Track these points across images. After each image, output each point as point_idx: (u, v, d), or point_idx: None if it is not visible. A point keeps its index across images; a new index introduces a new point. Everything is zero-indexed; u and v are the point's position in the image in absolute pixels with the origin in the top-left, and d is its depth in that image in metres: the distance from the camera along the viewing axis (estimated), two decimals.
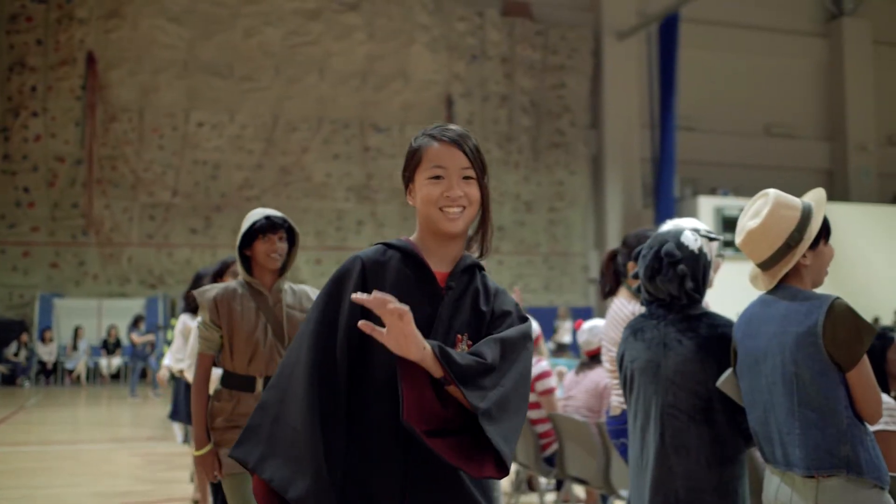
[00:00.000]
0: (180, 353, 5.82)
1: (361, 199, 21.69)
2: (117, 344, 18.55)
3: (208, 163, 20.69)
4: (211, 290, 3.65)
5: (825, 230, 2.74)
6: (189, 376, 4.99)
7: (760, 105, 25.27)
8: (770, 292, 2.76)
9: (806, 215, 2.70)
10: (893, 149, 26.59)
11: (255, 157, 20.99)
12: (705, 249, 3.05)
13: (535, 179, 23.12)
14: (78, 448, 10.21)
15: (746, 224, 2.77)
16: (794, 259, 2.67)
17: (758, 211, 2.76)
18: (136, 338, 16.51)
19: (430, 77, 22.30)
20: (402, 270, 2.06)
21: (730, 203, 21.97)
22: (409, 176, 2.10)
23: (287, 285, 3.74)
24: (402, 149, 21.84)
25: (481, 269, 2.16)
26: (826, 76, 26.41)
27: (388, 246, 2.10)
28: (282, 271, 3.71)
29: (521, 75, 23.22)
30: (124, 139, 20.16)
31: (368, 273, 2.04)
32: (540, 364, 5.78)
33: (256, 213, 3.66)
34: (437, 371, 1.86)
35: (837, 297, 2.56)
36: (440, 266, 2.07)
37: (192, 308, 5.86)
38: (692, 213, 20.51)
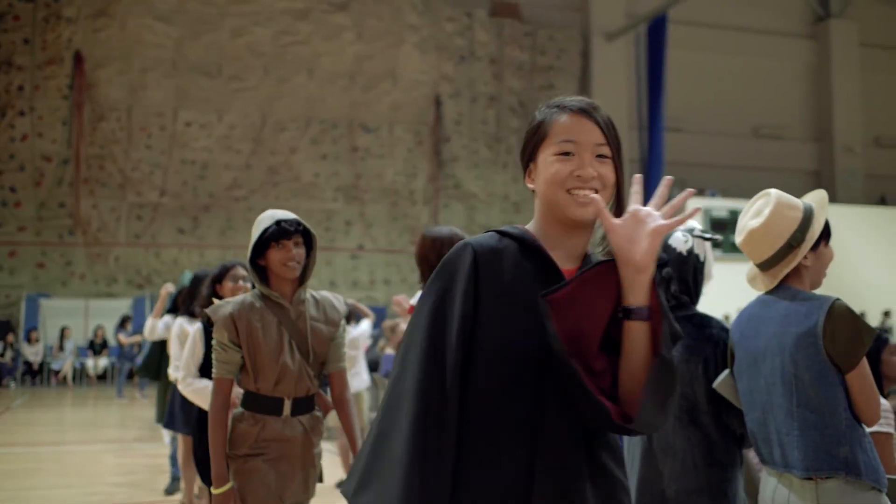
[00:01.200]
0: (178, 359, 5.41)
1: (350, 199, 21.66)
2: (104, 344, 18.47)
3: (196, 162, 20.63)
4: (225, 305, 3.25)
5: (825, 232, 2.74)
6: (184, 389, 4.51)
7: (748, 106, 25.33)
8: (769, 292, 2.74)
9: (808, 216, 2.69)
10: (880, 150, 26.71)
11: (243, 157, 20.94)
12: (697, 250, 3.02)
13: (523, 180, 23.08)
14: (64, 449, 10.16)
15: (748, 223, 2.75)
16: (795, 259, 2.65)
17: (759, 210, 2.74)
18: (124, 338, 16.44)
19: (418, 77, 22.28)
20: (520, 263, 1.75)
21: (718, 204, 22.02)
22: (529, 154, 1.82)
23: (309, 294, 3.39)
24: (390, 149, 21.94)
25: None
26: (813, 78, 26.50)
27: (503, 234, 1.80)
28: (301, 279, 3.35)
29: (510, 76, 23.22)
30: (112, 138, 20.09)
31: (481, 263, 1.73)
32: None
33: (266, 218, 3.33)
34: (641, 295, 1.63)
35: (837, 299, 2.55)
36: (564, 262, 1.77)
37: (189, 311, 5.52)
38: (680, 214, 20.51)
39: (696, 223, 3.22)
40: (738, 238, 2.78)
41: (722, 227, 20.09)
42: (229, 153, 20.88)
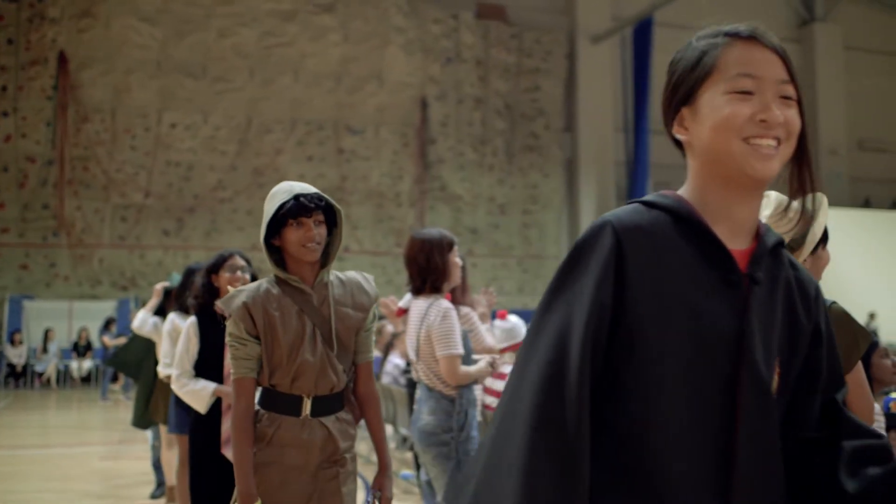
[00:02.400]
0: (169, 356, 5.09)
1: (335, 200, 21.48)
2: (88, 346, 18.36)
3: (181, 164, 20.55)
4: (238, 295, 2.83)
5: (823, 235, 2.74)
6: (178, 389, 4.23)
7: None
8: None
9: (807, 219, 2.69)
10: (864, 153, 26.83)
11: (228, 159, 20.87)
12: None
13: (509, 182, 23.13)
14: (48, 452, 10.09)
15: None
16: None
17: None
18: (108, 340, 16.35)
19: (404, 79, 22.26)
20: (676, 243, 1.32)
21: None
22: (684, 95, 1.38)
23: (333, 276, 2.96)
24: (376, 151, 21.91)
25: (783, 245, 1.44)
26: (798, 81, 26.57)
27: (650, 205, 1.36)
28: (324, 262, 2.92)
29: (496, 78, 23.23)
30: (96, 140, 19.98)
31: (626, 246, 1.29)
32: None
33: (282, 192, 2.88)
34: None
35: (834, 302, 2.54)
36: (732, 240, 1.34)
37: (182, 306, 5.19)
38: None
39: None
40: None
41: None
42: (214, 154, 20.80)
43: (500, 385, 5.80)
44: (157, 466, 7.12)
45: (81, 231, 19.78)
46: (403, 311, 4.36)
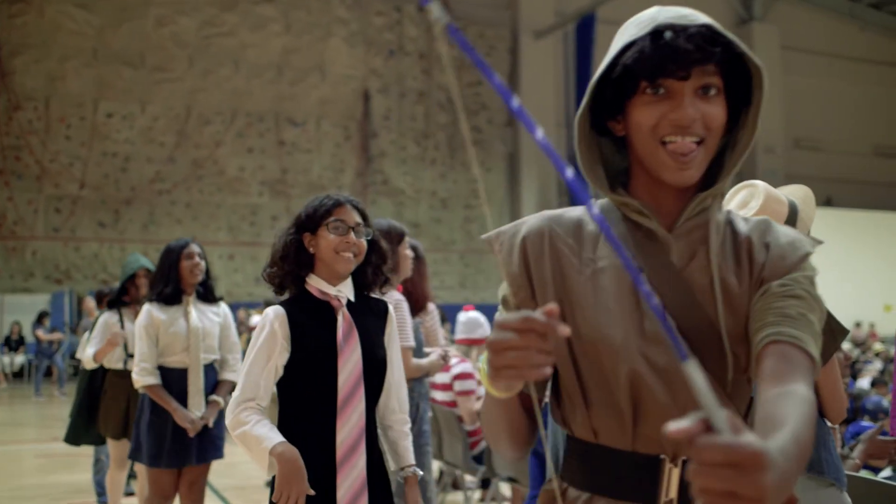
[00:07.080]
0: (149, 360, 4.20)
1: (276, 193, 21.39)
2: (21, 341, 17.92)
3: (118, 155, 20.14)
4: (519, 225, 1.43)
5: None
6: (232, 425, 2.48)
7: None
8: None
9: (793, 212, 2.68)
10: (800, 152, 27.35)
11: (166, 150, 20.51)
12: None
13: (451, 176, 23.12)
14: None
15: None
16: None
17: (745, 202, 2.69)
18: (42, 335, 15.97)
19: (347, 72, 22.12)
20: None
21: None
22: None
23: (717, 215, 1.41)
24: (317, 143, 21.75)
25: None
26: None
27: None
28: (707, 181, 1.42)
29: (439, 72, 23.18)
30: (29, 129, 19.49)
31: None
32: (463, 364, 5.68)
33: (634, 23, 1.43)
34: None
35: None
36: None
37: (161, 297, 4.24)
38: None
39: None
40: None
41: None
42: (152, 146, 20.44)
43: (444, 378, 5.73)
44: (102, 484, 6.15)
45: (13, 223, 19.29)
46: None
